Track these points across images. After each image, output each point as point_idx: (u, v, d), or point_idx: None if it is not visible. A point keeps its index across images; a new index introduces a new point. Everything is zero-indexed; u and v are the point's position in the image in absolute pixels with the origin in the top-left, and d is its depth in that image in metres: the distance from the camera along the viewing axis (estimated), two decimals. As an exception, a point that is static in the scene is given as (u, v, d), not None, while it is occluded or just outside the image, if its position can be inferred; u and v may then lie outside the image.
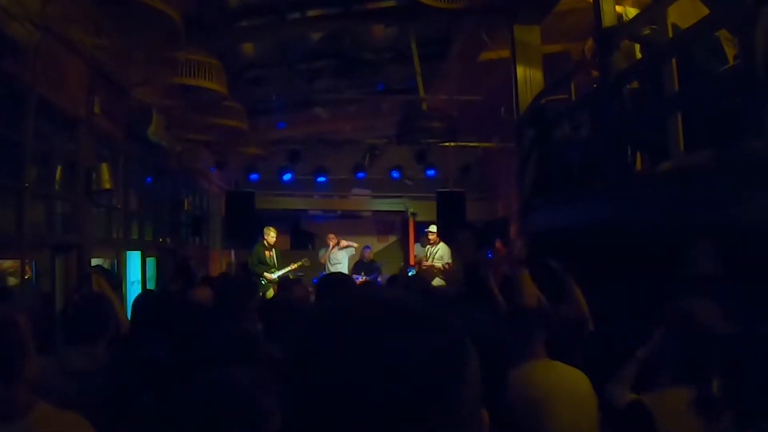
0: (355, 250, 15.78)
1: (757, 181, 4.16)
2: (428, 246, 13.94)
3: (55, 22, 6.18)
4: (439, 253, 13.60)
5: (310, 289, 7.09)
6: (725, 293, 4.68)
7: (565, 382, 3.64)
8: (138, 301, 5.07)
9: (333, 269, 14.75)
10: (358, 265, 15.33)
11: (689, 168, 5.09)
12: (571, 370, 3.74)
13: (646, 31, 6.33)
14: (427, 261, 13.69)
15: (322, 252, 15.77)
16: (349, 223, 18.21)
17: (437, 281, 12.34)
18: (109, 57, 7.65)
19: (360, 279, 14.13)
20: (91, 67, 7.59)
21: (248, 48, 10.52)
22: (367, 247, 16.10)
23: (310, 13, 9.56)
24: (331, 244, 15.48)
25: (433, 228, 13.87)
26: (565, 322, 4.35)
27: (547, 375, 3.65)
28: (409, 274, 14.80)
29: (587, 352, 3.85)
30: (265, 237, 13.38)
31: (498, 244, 14.94)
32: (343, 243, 15.49)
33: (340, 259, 15.35)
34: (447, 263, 13.47)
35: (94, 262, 7.80)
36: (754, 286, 4.50)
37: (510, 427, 3.07)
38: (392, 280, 10.02)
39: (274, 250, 13.44)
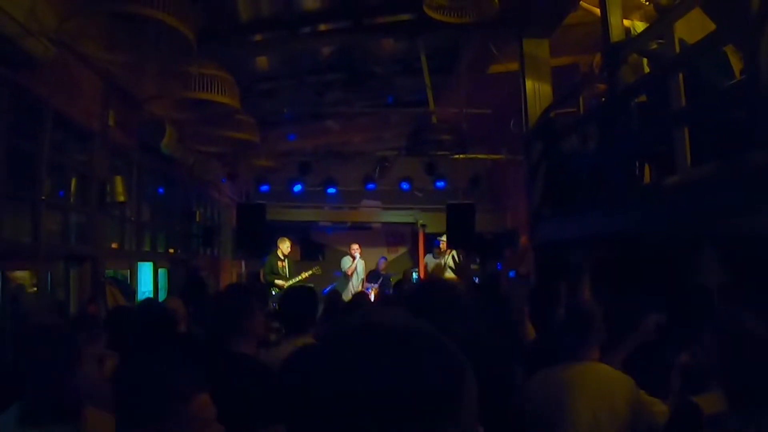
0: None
1: (762, 193, 4.21)
2: (440, 256, 14.17)
3: (71, 38, 6.28)
4: (450, 262, 13.85)
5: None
6: (732, 302, 4.74)
7: (604, 386, 3.67)
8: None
9: (357, 281, 14.90)
10: (371, 276, 15.40)
11: (696, 181, 5.14)
12: (615, 373, 3.77)
13: (654, 46, 6.40)
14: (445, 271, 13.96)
15: (346, 262, 15.77)
16: (359, 235, 18.23)
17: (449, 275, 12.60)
18: (123, 71, 7.75)
19: (372, 289, 14.28)
20: (105, 81, 7.71)
21: (260, 61, 10.60)
22: (383, 258, 16.20)
23: (321, 27, 9.64)
24: (357, 255, 15.54)
25: (445, 238, 14.08)
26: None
27: (587, 377, 3.69)
28: (414, 277, 15.03)
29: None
30: (280, 247, 13.49)
31: (508, 253, 15.03)
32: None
33: (359, 270, 15.45)
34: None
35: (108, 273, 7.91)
36: (760, 296, 4.55)
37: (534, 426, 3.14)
38: (399, 284, 10.10)
39: (287, 260, 13.55)
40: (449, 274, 13.68)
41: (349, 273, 15.42)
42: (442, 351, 1.03)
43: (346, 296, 11.35)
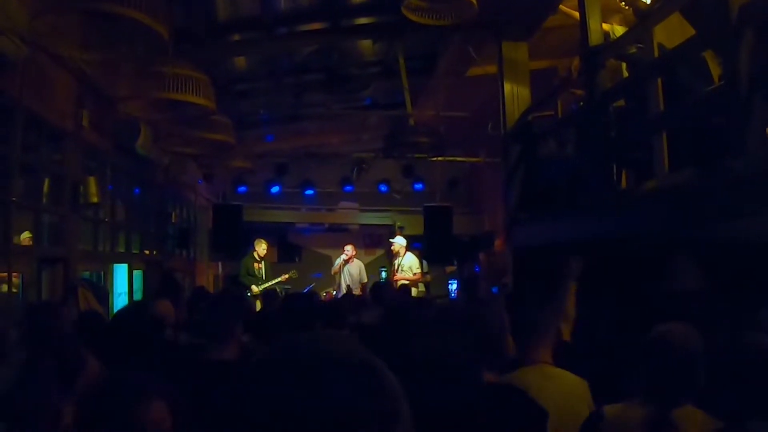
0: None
1: (739, 200, 4.21)
2: (394, 258, 14.00)
3: (43, 37, 6.19)
4: (407, 264, 13.64)
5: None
6: (708, 307, 4.75)
7: (558, 387, 3.65)
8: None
9: (346, 282, 14.63)
10: None
11: (673, 186, 5.14)
12: (568, 376, 3.76)
13: (633, 50, 6.40)
14: (396, 273, 13.72)
15: (337, 261, 15.24)
16: (337, 237, 18.17)
17: (415, 291, 12.34)
18: (96, 71, 7.67)
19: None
20: (78, 81, 7.61)
21: (236, 61, 10.53)
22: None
23: (299, 28, 9.59)
24: (348, 256, 14.98)
25: (396, 240, 13.92)
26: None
27: (541, 380, 3.67)
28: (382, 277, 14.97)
29: (562, 364, 3.87)
30: (256, 249, 13.40)
31: (482, 256, 14.98)
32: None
33: (352, 272, 15.02)
34: (415, 273, 13.52)
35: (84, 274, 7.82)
36: (736, 300, 4.57)
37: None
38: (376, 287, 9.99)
39: (263, 262, 13.46)
40: (407, 274, 13.50)
41: (333, 273, 15.23)
42: (374, 375, 1.00)
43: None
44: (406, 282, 12.98)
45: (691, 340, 3.00)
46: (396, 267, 13.83)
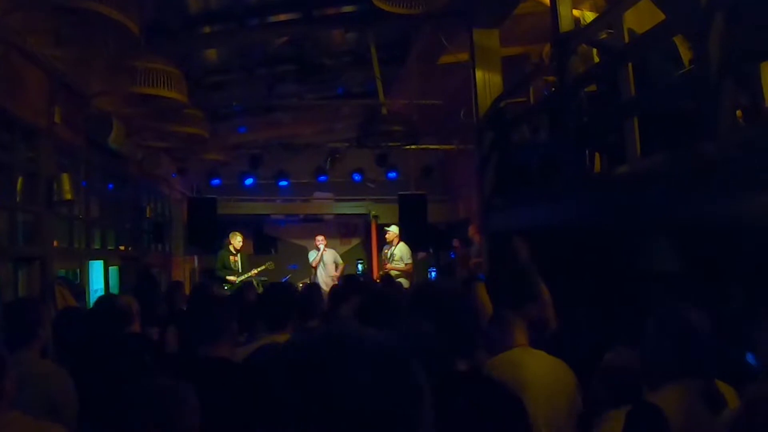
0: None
1: (710, 184, 4.28)
2: (386, 248, 14.08)
3: (14, 33, 6.14)
4: (399, 254, 13.72)
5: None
6: (681, 291, 4.82)
7: (543, 369, 3.72)
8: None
9: (323, 272, 14.78)
10: None
11: (646, 170, 5.20)
12: (550, 358, 3.82)
13: (603, 36, 6.45)
14: (387, 262, 13.80)
15: (313, 255, 15.60)
16: (312, 227, 18.20)
17: (406, 283, 12.39)
18: (68, 66, 7.61)
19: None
20: (50, 77, 7.54)
21: (209, 53, 10.49)
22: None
23: (270, 18, 9.57)
24: (322, 246, 15.38)
25: (391, 228, 13.99)
26: (529, 321, 4.43)
27: (526, 361, 3.72)
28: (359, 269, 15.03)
29: (550, 351, 3.93)
30: (231, 242, 13.39)
31: (456, 242, 15.05)
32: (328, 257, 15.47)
33: (327, 261, 15.27)
34: (407, 263, 13.61)
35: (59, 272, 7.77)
36: (707, 283, 4.64)
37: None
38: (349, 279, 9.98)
39: (239, 255, 13.44)
40: (398, 265, 13.62)
41: (314, 265, 15.32)
42: (401, 368, 1.03)
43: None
44: (397, 272, 13.09)
45: (699, 316, 3.04)
46: (387, 256, 13.90)
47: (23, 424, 2.73)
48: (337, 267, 15.22)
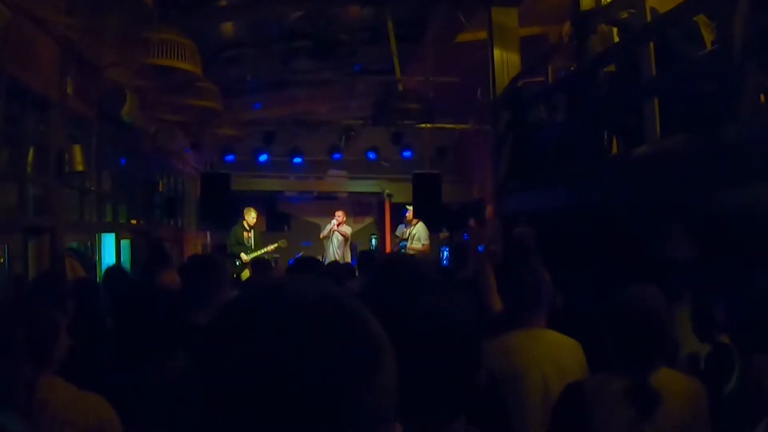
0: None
1: (731, 166, 4.18)
2: (404, 227, 14.06)
3: (26, 1, 6.07)
4: (418, 234, 13.69)
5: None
6: (698, 276, 4.73)
7: (548, 350, 3.64)
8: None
9: (332, 246, 14.72)
10: None
11: (665, 152, 5.11)
12: (561, 339, 3.75)
13: (624, 15, 6.33)
14: (398, 242, 13.80)
15: (328, 226, 15.41)
16: (325, 205, 18.14)
17: None
18: (81, 36, 7.53)
19: None
20: (63, 47, 7.47)
21: (224, 27, 10.41)
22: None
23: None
24: (338, 221, 15.16)
25: (412, 208, 13.96)
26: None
27: (536, 343, 3.65)
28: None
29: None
30: (245, 217, 13.37)
31: (472, 222, 14.95)
32: (343, 229, 15.29)
33: (340, 238, 15.12)
34: (424, 243, 13.60)
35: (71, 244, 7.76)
36: (726, 269, 4.54)
37: (496, 393, 3.10)
38: (364, 255, 9.95)
39: (253, 231, 13.42)
40: (416, 245, 13.63)
41: (321, 237, 15.25)
42: (356, 326, 0.91)
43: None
44: (414, 252, 13.06)
45: (655, 300, 2.99)
46: (407, 235, 13.87)
47: (65, 391, 2.76)
48: (347, 241, 15.12)
